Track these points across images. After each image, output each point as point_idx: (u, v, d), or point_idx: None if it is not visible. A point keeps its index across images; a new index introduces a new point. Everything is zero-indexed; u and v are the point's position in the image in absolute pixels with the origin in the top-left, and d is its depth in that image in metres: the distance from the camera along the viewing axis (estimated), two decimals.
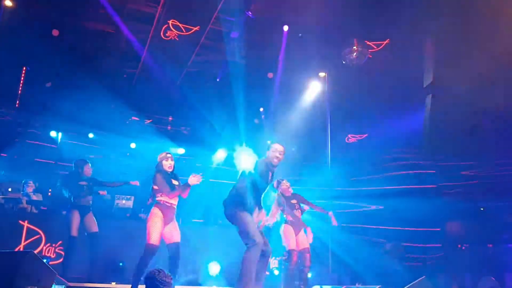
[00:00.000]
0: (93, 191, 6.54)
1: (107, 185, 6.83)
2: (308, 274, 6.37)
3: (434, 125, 8.56)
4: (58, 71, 8.82)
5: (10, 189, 7.42)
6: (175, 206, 5.24)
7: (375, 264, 8.54)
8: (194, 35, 8.33)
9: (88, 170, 6.47)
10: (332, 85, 9.06)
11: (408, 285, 4.93)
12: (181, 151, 10.10)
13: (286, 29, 8.40)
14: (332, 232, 8.23)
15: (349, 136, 10.79)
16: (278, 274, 7.41)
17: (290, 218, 6.28)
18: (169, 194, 5.10)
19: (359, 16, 7.79)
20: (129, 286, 5.01)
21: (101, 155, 9.41)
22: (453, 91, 8.05)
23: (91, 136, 9.59)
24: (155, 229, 4.99)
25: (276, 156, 4.63)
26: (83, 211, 6.25)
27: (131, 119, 10.05)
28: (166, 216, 5.09)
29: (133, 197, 8.44)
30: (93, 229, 6.22)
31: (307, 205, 6.52)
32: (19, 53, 8.36)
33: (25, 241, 7.01)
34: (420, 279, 5.03)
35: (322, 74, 9.19)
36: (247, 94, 9.09)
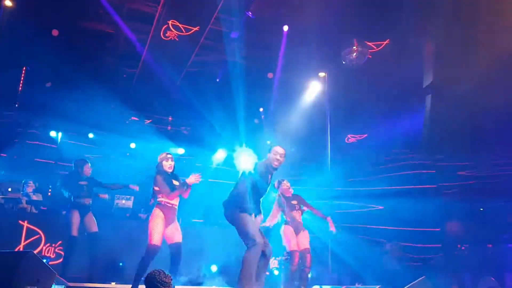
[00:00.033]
0: (93, 191, 6.54)
1: (107, 187, 6.81)
2: (308, 275, 6.38)
3: (434, 125, 8.56)
4: (58, 71, 8.81)
5: (10, 189, 7.42)
6: (176, 207, 5.26)
7: (375, 264, 8.54)
8: (194, 35, 8.33)
9: (88, 170, 6.47)
10: (332, 85, 9.05)
11: (408, 285, 4.93)
12: (181, 151, 10.10)
13: (286, 29, 8.40)
14: (332, 232, 8.21)
15: (349, 136, 10.78)
16: (278, 274, 7.40)
17: (290, 219, 6.28)
18: (169, 195, 5.11)
19: (359, 17, 7.79)
20: (129, 286, 5.01)
21: (101, 155, 9.41)
22: (453, 91, 8.05)
23: (91, 136, 9.59)
24: (157, 230, 5.00)
25: (277, 159, 4.62)
26: (83, 211, 6.26)
27: (131, 119, 10.05)
28: (167, 217, 5.11)
29: (133, 197, 8.44)
30: (93, 229, 6.22)
31: (307, 208, 6.52)
32: (19, 53, 8.36)
33: (25, 241, 7.01)
34: (420, 279, 5.03)
35: (322, 74, 9.19)
36: (247, 94, 9.08)
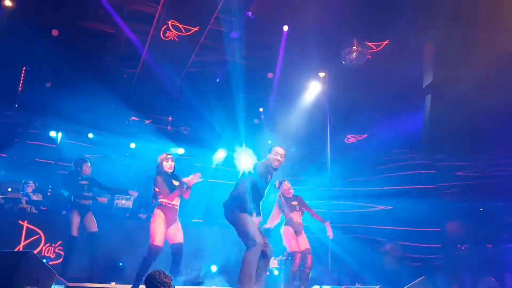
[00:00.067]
0: (94, 191, 6.53)
1: (107, 189, 6.76)
2: (309, 275, 6.38)
3: (434, 125, 8.56)
4: (58, 71, 8.81)
5: (10, 189, 7.42)
6: (177, 207, 5.28)
7: (375, 264, 8.54)
8: (194, 35, 8.33)
9: (87, 169, 6.46)
10: (332, 85, 9.05)
11: (408, 285, 4.94)
12: (181, 151, 10.10)
13: (286, 29, 8.40)
14: (332, 232, 8.22)
15: (349, 137, 10.78)
16: (278, 274, 7.41)
17: (291, 220, 6.29)
18: (169, 196, 5.13)
19: (359, 17, 7.79)
20: (129, 286, 5.02)
21: (101, 155, 9.41)
22: (453, 91, 8.05)
23: (91, 136, 9.59)
24: (159, 230, 5.03)
25: (277, 159, 4.63)
26: (83, 211, 6.25)
27: (131, 119, 10.05)
28: (169, 217, 5.14)
29: (133, 197, 8.43)
30: (93, 229, 6.21)
31: (306, 210, 6.52)
32: (19, 53, 8.36)
33: (25, 241, 7.01)
34: (420, 279, 5.03)
35: (322, 74, 9.19)
36: (247, 94, 9.08)
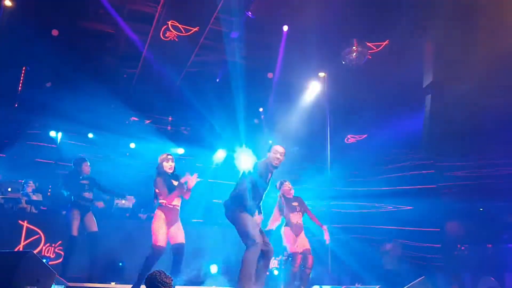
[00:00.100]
0: (94, 191, 6.53)
1: (105, 191, 6.73)
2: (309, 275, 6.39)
3: (434, 125, 8.55)
4: (58, 71, 8.81)
5: (10, 189, 7.41)
6: (179, 208, 5.29)
7: (375, 264, 8.54)
8: (194, 35, 8.32)
9: (87, 168, 6.46)
10: (332, 85, 9.05)
11: (408, 285, 4.93)
12: (181, 151, 10.11)
13: (286, 29, 8.39)
14: (332, 232, 8.22)
15: (349, 137, 10.78)
16: (278, 274, 7.41)
17: (291, 220, 6.30)
18: (168, 197, 5.14)
19: (359, 17, 7.79)
20: (129, 286, 5.02)
21: (101, 155, 9.42)
22: (453, 91, 8.05)
23: (91, 136, 9.59)
24: (160, 231, 5.05)
25: (277, 157, 4.65)
26: (83, 211, 6.24)
27: (131, 119, 10.05)
28: (169, 218, 5.16)
29: (133, 197, 8.44)
30: (93, 229, 6.21)
31: (306, 212, 6.53)
32: (19, 53, 8.35)
33: (25, 241, 7.01)
34: (420, 279, 5.03)
35: (322, 74, 9.18)
36: (247, 94, 9.08)
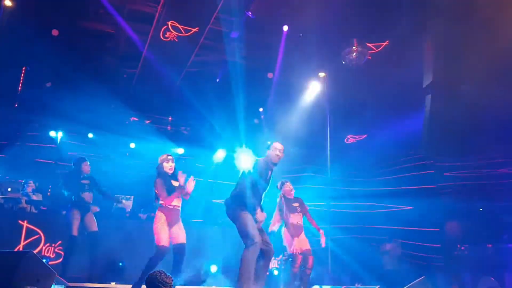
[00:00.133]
0: (94, 191, 6.52)
1: (103, 193, 6.64)
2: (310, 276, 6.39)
3: (434, 125, 8.55)
4: (58, 71, 8.81)
5: (10, 189, 7.41)
6: (179, 208, 5.31)
7: (375, 264, 8.55)
8: (194, 35, 8.32)
9: (86, 168, 6.45)
10: (332, 85, 9.05)
11: (408, 285, 4.93)
12: (181, 151, 10.11)
13: (286, 29, 8.39)
14: (332, 232, 8.23)
15: (349, 137, 10.78)
16: (278, 274, 7.41)
17: (291, 221, 6.31)
18: (166, 199, 5.16)
19: (359, 16, 7.79)
20: (129, 286, 5.02)
21: (101, 155, 9.42)
22: (453, 91, 8.05)
23: (91, 136, 9.59)
24: (162, 231, 5.08)
25: (276, 154, 4.73)
26: (84, 210, 6.24)
27: (131, 119, 10.05)
28: (170, 218, 5.19)
29: (133, 197, 8.44)
30: (93, 229, 6.21)
31: (305, 214, 6.55)
32: (19, 53, 8.35)
33: (25, 241, 7.01)
34: (420, 279, 5.03)
35: (322, 74, 9.18)
36: (247, 94, 9.08)
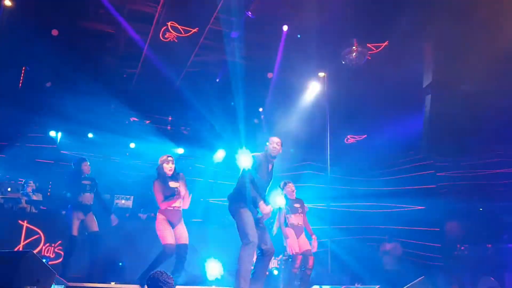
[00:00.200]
0: (95, 191, 6.51)
1: (99, 198, 6.53)
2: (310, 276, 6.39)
3: (434, 125, 8.56)
4: (58, 71, 8.81)
5: (10, 189, 7.41)
6: (180, 208, 5.36)
7: (375, 264, 8.55)
8: (194, 35, 8.32)
9: (87, 168, 6.44)
10: (332, 85, 9.05)
11: (408, 285, 4.93)
12: (181, 151, 10.11)
13: (286, 29, 8.39)
14: (332, 232, 8.23)
15: (348, 137, 10.78)
16: (278, 274, 7.41)
17: (292, 222, 6.32)
18: (162, 204, 5.23)
19: (359, 16, 7.78)
20: (129, 286, 5.03)
21: (101, 155, 9.41)
22: (453, 91, 8.05)
23: (91, 136, 9.59)
24: (166, 231, 5.15)
25: (274, 147, 4.79)
26: (85, 211, 6.23)
27: (131, 119, 10.05)
28: (171, 219, 5.26)
29: (133, 197, 8.44)
30: (94, 229, 6.21)
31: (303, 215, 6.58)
32: (19, 53, 8.35)
33: (25, 241, 7.02)
34: (420, 279, 5.03)
35: (322, 74, 9.18)
36: (247, 94, 9.08)
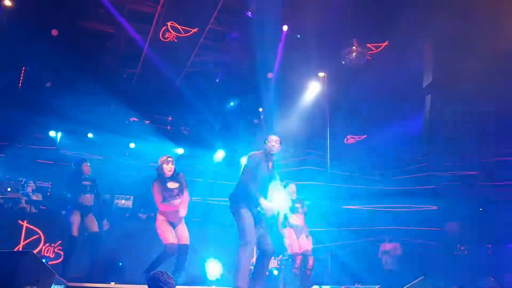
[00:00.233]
0: (95, 192, 6.50)
1: (99, 201, 6.51)
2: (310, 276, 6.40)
3: (434, 125, 8.56)
4: (58, 71, 8.81)
5: (10, 189, 7.41)
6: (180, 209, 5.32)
7: (375, 264, 8.55)
8: (194, 35, 8.33)
9: (87, 169, 6.43)
10: (332, 85, 9.05)
11: (408, 285, 4.93)
12: (181, 151, 10.11)
13: (286, 29, 8.40)
14: (332, 232, 8.23)
15: (348, 137, 10.78)
16: (278, 274, 7.41)
17: (292, 222, 6.33)
18: (160, 205, 5.24)
19: (359, 16, 7.79)
20: (129, 286, 5.04)
21: (101, 155, 9.42)
22: (453, 91, 8.05)
23: (91, 136, 9.59)
24: (167, 231, 5.17)
25: (273, 145, 4.77)
26: (85, 212, 6.21)
27: (131, 119, 10.06)
28: (172, 219, 5.28)
29: (132, 197, 8.44)
30: (94, 229, 6.19)
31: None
32: (19, 53, 8.35)
33: (24, 241, 7.01)
34: (420, 279, 5.03)
35: (322, 74, 9.18)
36: (247, 94, 9.09)
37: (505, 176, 8.12)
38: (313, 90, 9.52)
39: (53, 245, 7.16)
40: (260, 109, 10.60)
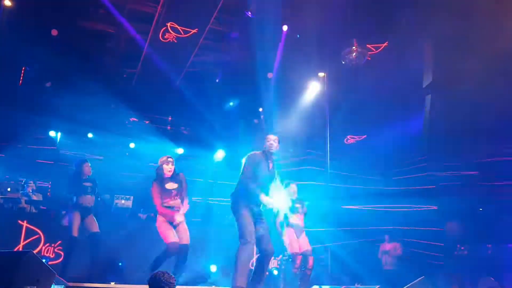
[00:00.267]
0: (96, 193, 6.50)
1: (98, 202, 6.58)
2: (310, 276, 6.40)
3: (434, 125, 8.56)
4: (58, 71, 8.81)
5: (9, 189, 7.41)
6: (180, 209, 5.34)
7: (375, 264, 8.55)
8: (194, 35, 8.32)
9: (87, 169, 6.43)
10: (332, 85, 9.04)
11: (408, 285, 4.93)
12: (181, 151, 10.11)
13: (286, 29, 8.39)
14: (332, 232, 8.23)
15: (348, 137, 10.77)
16: (278, 274, 7.41)
17: (292, 221, 6.34)
18: (159, 207, 5.27)
19: (359, 16, 7.79)
20: (129, 286, 5.04)
21: (101, 155, 9.41)
22: (453, 91, 8.05)
23: (91, 136, 9.59)
24: (167, 231, 5.20)
25: (271, 144, 4.78)
26: (85, 212, 6.21)
27: (131, 119, 10.05)
28: (172, 219, 5.30)
29: (132, 197, 8.43)
30: (94, 229, 6.19)
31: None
32: (19, 53, 8.35)
33: (24, 241, 7.01)
34: (420, 279, 5.03)
35: (322, 74, 9.18)
36: (247, 94, 9.09)
37: (505, 176, 8.10)
38: (313, 90, 9.52)
39: (53, 245, 7.16)
40: (260, 109, 10.60)
